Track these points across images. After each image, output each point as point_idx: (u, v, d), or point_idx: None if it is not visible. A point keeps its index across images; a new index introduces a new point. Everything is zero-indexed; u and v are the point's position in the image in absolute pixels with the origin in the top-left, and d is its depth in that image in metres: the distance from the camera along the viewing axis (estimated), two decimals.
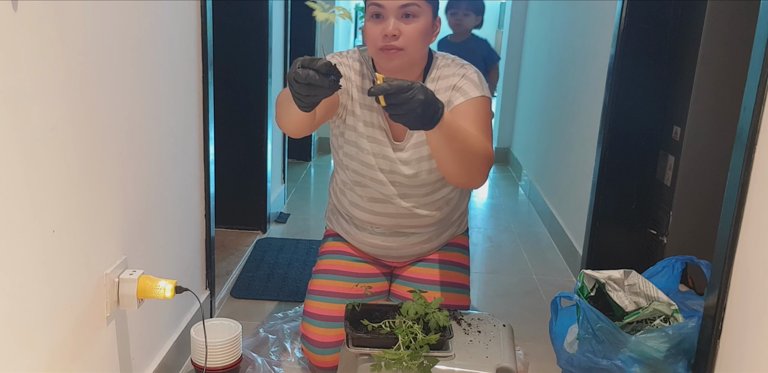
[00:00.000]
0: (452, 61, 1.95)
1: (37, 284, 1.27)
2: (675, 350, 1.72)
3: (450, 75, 1.91)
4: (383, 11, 1.76)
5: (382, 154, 1.95)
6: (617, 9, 2.55)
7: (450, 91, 1.89)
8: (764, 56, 1.36)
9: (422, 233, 2.07)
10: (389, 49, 1.79)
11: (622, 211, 2.68)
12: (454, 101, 1.87)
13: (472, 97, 1.86)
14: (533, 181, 4.21)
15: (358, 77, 1.94)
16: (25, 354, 1.26)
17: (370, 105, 1.94)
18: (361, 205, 2.05)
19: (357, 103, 1.94)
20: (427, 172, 1.96)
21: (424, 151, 1.93)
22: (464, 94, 1.86)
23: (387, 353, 1.64)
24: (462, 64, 1.94)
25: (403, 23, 1.77)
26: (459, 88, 1.88)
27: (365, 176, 1.99)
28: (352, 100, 1.95)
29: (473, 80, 1.89)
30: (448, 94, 1.89)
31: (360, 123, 1.95)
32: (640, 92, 2.56)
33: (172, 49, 1.91)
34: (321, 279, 2.13)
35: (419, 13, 1.77)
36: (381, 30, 1.77)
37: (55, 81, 1.27)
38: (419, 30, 1.78)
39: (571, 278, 3.01)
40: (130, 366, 1.74)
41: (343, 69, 1.92)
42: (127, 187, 1.64)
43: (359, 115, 1.94)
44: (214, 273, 2.37)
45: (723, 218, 1.49)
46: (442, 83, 1.90)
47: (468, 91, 1.86)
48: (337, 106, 1.93)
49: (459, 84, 1.88)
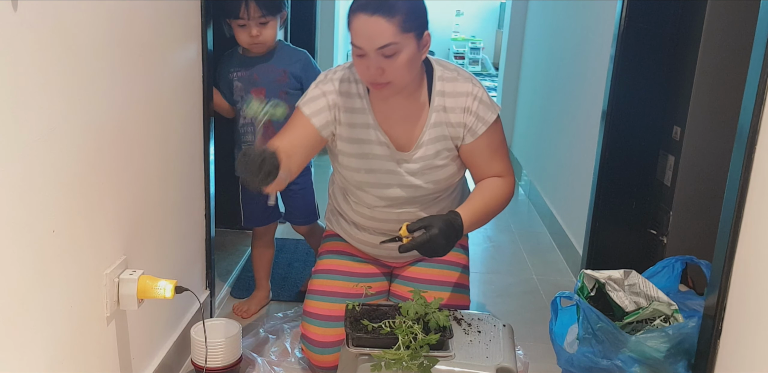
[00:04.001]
0: (458, 74, 1.91)
1: (37, 284, 1.27)
2: (675, 350, 1.71)
3: (460, 94, 1.88)
4: (363, 52, 1.73)
5: (385, 169, 1.94)
6: (617, 9, 2.55)
7: (465, 115, 1.88)
8: (764, 56, 1.36)
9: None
10: (376, 84, 1.79)
11: (622, 211, 2.68)
12: (477, 130, 1.89)
13: (491, 122, 1.89)
14: (533, 181, 4.21)
15: (343, 99, 1.90)
16: (25, 354, 1.26)
17: (363, 122, 1.91)
18: (362, 211, 2.05)
19: (345, 126, 1.91)
20: (434, 183, 1.96)
21: (433, 163, 1.92)
22: (484, 122, 1.89)
23: (387, 353, 1.64)
24: (469, 79, 1.91)
25: (385, 61, 1.73)
26: (476, 114, 1.88)
27: (367, 192, 1.99)
28: (341, 125, 1.92)
29: (485, 101, 1.89)
30: (463, 117, 1.88)
31: (355, 145, 1.92)
32: (640, 92, 2.56)
33: (172, 49, 1.91)
34: (321, 279, 2.13)
35: (400, 49, 1.72)
36: (366, 67, 1.75)
37: (55, 81, 1.27)
38: (402, 64, 1.74)
39: (571, 278, 3.01)
40: (130, 366, 1.74)
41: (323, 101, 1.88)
42: (127, 187, 1.64)
43: (352, 137, 1.92)
44: (214, 273, 2.37)
45: (723, 218, 1.49)
46: (453, 102, 1.88)
47: (485, 117, 1.88)
48: (321, 143, 1.92)
49: (474, 108, 1.88)
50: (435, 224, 1.72)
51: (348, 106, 1.91)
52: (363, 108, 1.91)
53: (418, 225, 1.72)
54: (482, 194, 1.91)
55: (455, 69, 1.94)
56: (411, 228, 1.72)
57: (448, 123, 1.89)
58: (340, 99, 1.91)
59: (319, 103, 1.90)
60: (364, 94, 1.91)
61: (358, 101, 1.91)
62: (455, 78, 1.90)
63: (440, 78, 1.90)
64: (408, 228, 1.72)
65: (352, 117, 1.91)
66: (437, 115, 1.89)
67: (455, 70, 1.93)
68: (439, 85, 1.89)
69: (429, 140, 1.90)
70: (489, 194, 1.91)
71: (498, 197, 1.92)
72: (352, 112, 1.91)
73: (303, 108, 1.91)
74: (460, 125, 1.89)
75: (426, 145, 1.90)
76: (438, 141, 1.91)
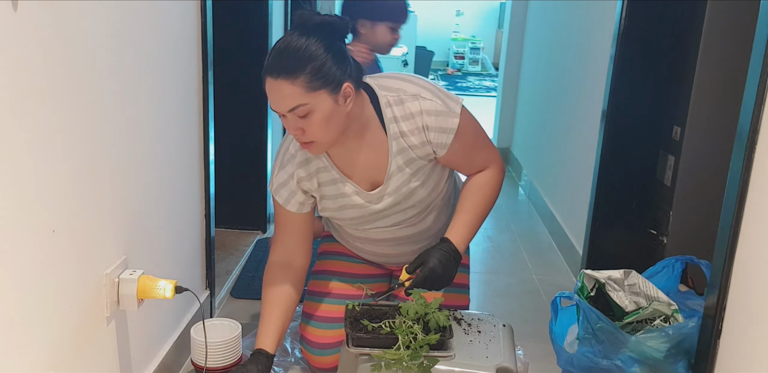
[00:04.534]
0: (402, 93, 1.78)
1: (37, 284, 1.27)
2: (675, 350, 1.71)
3: (411, 115, 1.77)
4: (279, 113, 1.68)
5: (365, 213, 1.90)
6: (617, 9, 2.54)
7: (425, 133, 1.78)
8: (764, 56, 1.36)
9: (421, 240, 2.05)
10: (303, 143, 1.73)
11: (622, 211, 2.68)
12: (445, 142, 1.78)
13: (455, 128, 1.77)
14: (533, 181, 4.20)
15: (305, 168, 1.86)
16: (25, 354, 1.26)
17: (331, 179, 1.86)
18: (355, 235, 2.05)
19: (318, 189, 1.88)
20: (418, 202, 1.91)
21: (409, 187, 1.86)
22: (448, 131, 1.78)
23: (387, 353, 1.64)
24: (413, 95, 1.77)
25: (301, 121, 1.65)
26: (436, 128, 1.77)
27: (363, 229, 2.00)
28: (315, 190, 1.88)
29: (436, 109, 1.76)
30: (423, 136, 1.78)
31: (331, 201, 1.90)
32: (640, 92, 2.55)
33: (172, 49, 1.91)
34: (320, 280, 2.13)
35: (312, 108, 1.63)
36: (288, 127, 1.70)
37: (55, 81, 1.27)
38: (319, 123, 1.65)
39: (571, 278, 3.01)
40: (130, 366, 1.74)
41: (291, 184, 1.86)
42: (127, 187, 1.64)
43: (326, 195, 1.89)
44: (214, 273, 2.37)
45: (723, 218, 1.49)
46: (407, 124, 1.78)
47: (446, 126, 1.77)
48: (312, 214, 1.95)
49: (431, 123, 1.76)
50: (429, 259, 1.79)
51: (312, 170, 1.86)
52: (325, 166, 1.85)
53: (414, 265, 1.80)
54: (465, 205, 1.90)
55: (397, 88, 1.79)
56: (409, 270, 1.81)
57: (411, 146, 1.80)
58: (302, 170, 1.86)
59: (289, 188, 1.87)
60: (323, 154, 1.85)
61: (319, 161, 1.85)
62: (401, 100, 1.77)
63: (386, 104, 1.78)
64: (407, 270, 1.81)
65: (319, 177, 1.87)
66: (397, 143, 1.80)
67: (397, 89, 1.79)
68: (388, 112, 1.78)
69: (398, 168, 1.83)
70: (474, 202, 1.91)
71: (484, 197, 1.92)
72: (317, 173, 1.86)
73: (276, 197, 1.89)
74: (424, 144, 1.79)
75: (395, 174, 1.84)
76: (407, 165, 1.83)
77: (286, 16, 3.58)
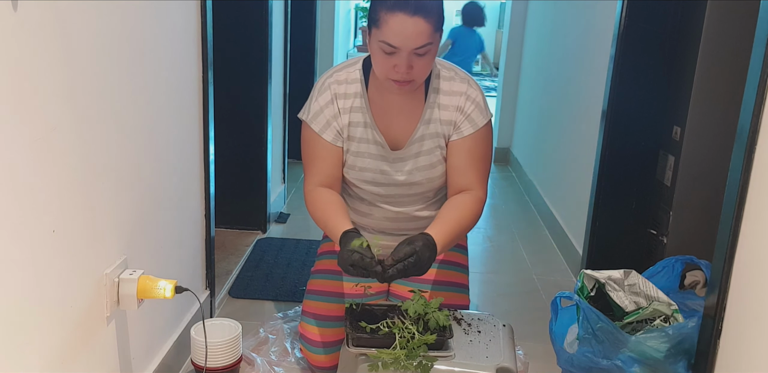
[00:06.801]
0: (455, 74, 1.92)
1: (37, 284, 1.27)
2: (675, 350, 1.71)
3: (455, 93, 1.89)
4: (395, 50, 1.72)
5: (377, 169, 1.94)
6: (617, 9, 2.55)
7: (456, 113, 1.89)
8: (764, 56, 1.36)
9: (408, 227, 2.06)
10: (401, 82, 1.78)
11: (622, 211, 2.68)
12: (463, 130, 1.89)
13: (480, 126, 1.89)
14: (533, 182, 4.21)
15: (342, 101, 1.90)
16: (25, 354, 1.26)
17: (361, 121, 1.91)
18: (359, 209, 2.05)
19: (347, 127, 1.92)
20: (428, 180, 1.96)
21: (425, 160, 1.93)
22: (473, 124, 1.89)
23: (383, 353, 1.64)
24: (465, 80, 1.91)
25: (416, 59, 1.73)
26: (467, 114, 1.89)
27: (361, 188, 2.00)
28: (346, 127, 1.92)
29: (479, 104, 1.90)
30: (454, 116, 1.89)
31: (353, 143, 1.93)
32: (640, 92, 2.56)
33: (172, 49, 1.91)
34: (320, 279, 2.13)
35: (432, 48, 1.74)
36: (393, 65, 1.74)
37: (55, 81, 1.27)
38: (429, 62, 1.77)
39: (571, 278, 3.01)
40: (130, 366, 1.74)
41: (330, 110, 1.89)
42: (127, 187, 1.64)
43: (350, 135, 1.92)
44: (214, 273, 2.37)
45: (723, 218, 1.49)
46: (447, 99, 1.89)
47: (475, 120, 1.89)
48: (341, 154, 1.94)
49: (466, 108, 1.89)
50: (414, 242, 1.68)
51: (347, 106, 1.91)
52: (362, 106, 1.91)
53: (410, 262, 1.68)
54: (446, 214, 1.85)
55: (453, 68, 1.94)
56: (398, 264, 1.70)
57: (440, 120, 1.90)
58: (340, 102, 1.91)
59: (326, 115, 1.90)
60: (363, 93, 1.91)
61: (358, 100, 1.91)
62: (452, 77, 1.91)
63: (437, 76, 1.90)
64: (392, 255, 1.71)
65: (351, 116, 1.92)
66: (431, 112, 1.90)
67: (453, 69, 1.94)
68: (435, 83, 1.90)
69: (421, 137, 1.91)
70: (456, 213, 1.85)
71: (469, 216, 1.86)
72: (351, 112, 1.92)
73: (312, 126, 1.91)
74: (450, 123, 1.90)
75: (417, 142, 1.91)
76: (430, 138, 1.91)
77: (286, 16, 3.58)
